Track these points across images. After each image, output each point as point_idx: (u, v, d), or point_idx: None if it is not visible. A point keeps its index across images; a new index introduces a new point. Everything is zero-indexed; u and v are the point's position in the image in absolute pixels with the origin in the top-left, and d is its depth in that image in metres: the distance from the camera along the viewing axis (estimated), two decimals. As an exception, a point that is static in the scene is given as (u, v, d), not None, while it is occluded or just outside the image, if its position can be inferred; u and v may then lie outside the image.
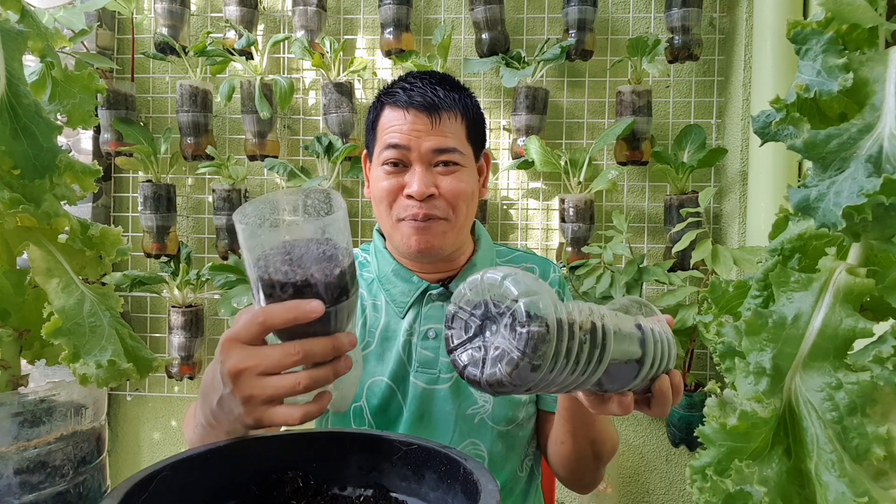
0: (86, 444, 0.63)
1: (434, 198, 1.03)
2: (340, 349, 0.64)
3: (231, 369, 0.63)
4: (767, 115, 0.43)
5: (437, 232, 1.04)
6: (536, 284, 0.54)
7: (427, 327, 1.09)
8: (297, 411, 0.63)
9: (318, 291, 0.60)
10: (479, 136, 1.12)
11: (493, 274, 0.55)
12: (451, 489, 0.62)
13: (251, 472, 0.65)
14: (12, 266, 0.64)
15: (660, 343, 0.68)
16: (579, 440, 1.01)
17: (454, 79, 1.11)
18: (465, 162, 1.06)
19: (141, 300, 2.19)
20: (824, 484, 0.38)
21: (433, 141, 1.03)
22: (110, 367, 0.55)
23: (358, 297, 0.66)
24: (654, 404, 0.75)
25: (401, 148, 1.03)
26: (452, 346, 0.58)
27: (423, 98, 1.03)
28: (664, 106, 2.06)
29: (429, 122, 1.03)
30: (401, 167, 1.04)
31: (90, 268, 0.66)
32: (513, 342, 0.52)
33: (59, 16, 1.71)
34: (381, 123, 1.07)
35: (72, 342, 0.55)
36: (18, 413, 0.57)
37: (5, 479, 0.55)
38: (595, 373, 0.58)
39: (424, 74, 1.10)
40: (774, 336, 0.42)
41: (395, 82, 1.10)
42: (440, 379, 1.07)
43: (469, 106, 1.09)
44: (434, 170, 1.04)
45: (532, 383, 0.54)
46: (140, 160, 2.04)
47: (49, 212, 0.60)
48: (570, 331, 0.54)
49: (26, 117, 0.58)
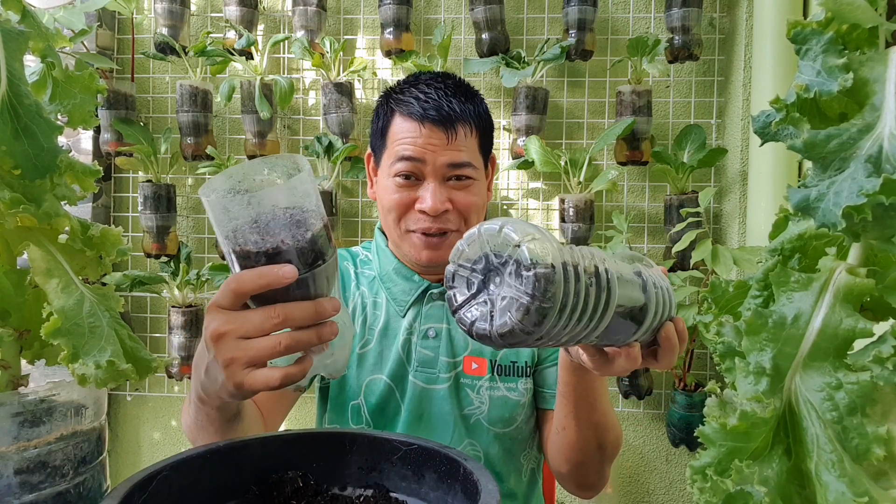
0: (86, 444, 0.63)
1: (447, 212, 1.02)
2: (323, 314, 0.62)
3: (213, 333, 0.62)
4: (767, 115, 0.43)
5: (448, 245, 1.03)
6: (535, 228, 0.53)
7: (427, 326, 1.09)
8: (278, 373, 0.62)
9: (291, 258, 0.59)
10: (489, 144, 1.11)
11: (489, 225, 0.54)
12: (451, 489, 0.62)
13: (251, 472, 0.65)
14: (12, 266, 0.64)
15: (660, 290, 0.67)
16: (582, 424, 0.96)
17: (467, 85, 1.09)
18: (477, 175, 1.05)
19: (141, 300, 2.19)
20: (824, 484, 0.38)
21: (448, 156, 1.01)
22: (109, 368, 0.55)
23: (336, 261, 0.65)
24: (661, 355, 0.74)
25: (415, 161, 1.01)
26: (456, 305, 0.57)
27: (438, 113, 1.01)
28: (664, 106, 2.06)
29: (444, 137, 1.01)
30: (413, 180, 1.03)
31: (90, 268, 0.66)
32: (520, 288, 0.51)
33: (59, 16, 1.71)
34: (393, 132, 1.05)
35: (71, 342, 0.55)
36: (18, 413, 0.57)
37: (5, 479, 0.55)
38: (603, 319, 0.57)
39: (438, 80, 1.07)
40: (774, 336, 0.42)
41: (406, 86, 1.07)
42: (439, 379, 1.07)
43: (482, 116, 1.08)
44: (447, 184, 1.03)
45: (543, 331, 0.52)
46: (140, 160, 2.04)
47: (49, 212, 0.60)
48: (576, 273, 0.53)
49: (27, 117, 0.58)
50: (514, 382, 1.09)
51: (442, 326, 1.09)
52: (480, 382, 1.08)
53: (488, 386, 1.07)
